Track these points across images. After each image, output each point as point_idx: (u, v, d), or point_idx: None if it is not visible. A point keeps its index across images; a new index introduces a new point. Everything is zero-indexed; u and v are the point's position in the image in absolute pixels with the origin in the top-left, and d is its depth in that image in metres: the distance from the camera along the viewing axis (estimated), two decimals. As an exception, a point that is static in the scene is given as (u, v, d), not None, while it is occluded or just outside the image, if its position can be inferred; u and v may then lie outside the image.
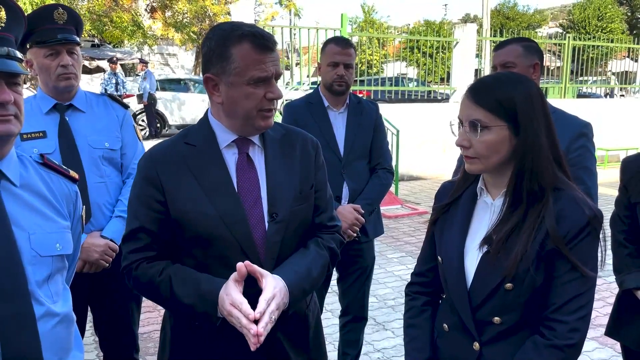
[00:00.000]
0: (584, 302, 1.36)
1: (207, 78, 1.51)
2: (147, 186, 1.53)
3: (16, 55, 1.36)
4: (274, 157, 1.62)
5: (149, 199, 1.53)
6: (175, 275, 1.50)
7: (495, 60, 2.29)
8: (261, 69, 1.46)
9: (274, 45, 1.50)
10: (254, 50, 1.45)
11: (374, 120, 2.92)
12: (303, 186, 1.63)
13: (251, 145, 1.60)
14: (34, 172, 1.47)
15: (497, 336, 1.43)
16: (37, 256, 1.36)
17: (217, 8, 17.20)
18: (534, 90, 1.40)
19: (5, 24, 1.34)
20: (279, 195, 1.57)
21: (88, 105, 2.39)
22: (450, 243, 1.51)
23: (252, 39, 1.46)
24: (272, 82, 1.50)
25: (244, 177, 1.56)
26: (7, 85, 1.32)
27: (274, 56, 1.50)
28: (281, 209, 1.56)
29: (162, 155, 1.56)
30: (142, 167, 1.57)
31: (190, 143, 1.57)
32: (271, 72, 1.48)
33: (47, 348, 1.34)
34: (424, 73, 13.70)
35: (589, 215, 1.34)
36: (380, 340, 3.85)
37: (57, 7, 2.19)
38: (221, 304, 1.42)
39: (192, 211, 1.50)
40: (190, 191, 1.51)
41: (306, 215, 1.65)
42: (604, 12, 30.93)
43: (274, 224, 1.55)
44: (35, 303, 1.33)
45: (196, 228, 1.50)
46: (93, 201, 2.30)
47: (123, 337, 2.50)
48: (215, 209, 1.50)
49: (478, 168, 1.43)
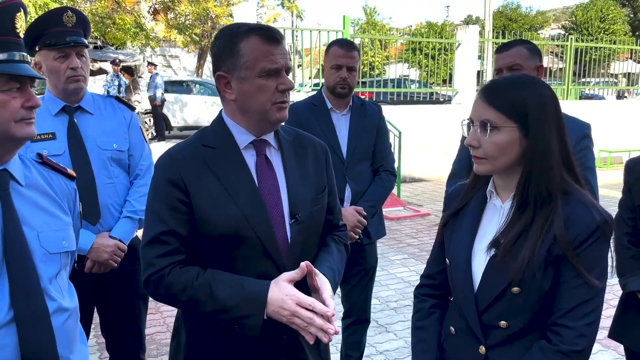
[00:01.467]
0: (592, 308, 1.35)
1: (219, 76, 1.52)
2: (171, 188, 1.50)
3: (27, 59, 1.41)
4: (290, 159, 1.63)
5: (174, 201, 1.50)
6: (214, 279, 1.48)
7: (501, 63, 2.30)
8: (270, 61, 1.48)
9: (281, 38, 1.52)
10: (263, 42, 1.47)
11: (376, 122, 2.92)
12: (318, 188, 1.66)
13: (267, 146, 1.61)
14: (36, 172, 1.50)
15: (503, 340, 1.43)
16: (47, 254, 1.41)
17: (219, 10, 17.25)
18: (548, 94, 1.40)
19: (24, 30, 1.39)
20: (300, 197, 1.60)
21: (96, 107, 2.41)
22: (459, 245, 1.52)
23: (259, 32, 1.48)
24: (282, 74, 1.51)
25: (264, 178, 1.57)
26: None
27: (282, 48, 1.51)
28: (302, 210, 1.59)
29: (183, 157, 1.55)
30: (162, 169, 1.54)
31: (208, 145, 1.57)
32: (281, 63, 1.49)
33: (59, 342, 1.38)
34: (426, 75, 13.72)
35: (599, 220, 1.34)
36: (383, 343, 3.86)
37: (66, 10, 2.21)
38: (280, 305, 1.42)
39: (217, 212, 1.50)
40: (214, 192, 1.51)
41: (321, 216, 1.69)
42: (606, 13, 30.91)
43: (296, 225, 1.57)
44: (48, 299, 1.38)
45: (221, 229, 1.49)
46: (102, 202, 2.32)
47: (130, 336, 2.52)
48: (239, 210, 1.50)
49: (486, 169, 1.43)
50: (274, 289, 1.46)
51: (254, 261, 1.52)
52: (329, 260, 1.63)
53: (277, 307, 1.43)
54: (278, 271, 1.53)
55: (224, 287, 1.46)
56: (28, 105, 1.35)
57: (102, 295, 2.42)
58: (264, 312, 1.44)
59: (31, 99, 1.36)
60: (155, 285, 1.50)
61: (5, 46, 1.33)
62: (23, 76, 1.34)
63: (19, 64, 1.36)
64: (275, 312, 1.44)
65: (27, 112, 1.36)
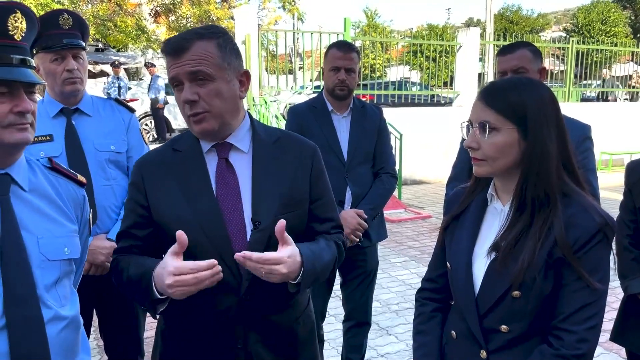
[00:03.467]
0: (593, 312, 1.33)
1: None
2: (134, 190, 1.59)
3: (32, 63, 1.39)
4: (262, 162, 1.57)
5: (134, 203, 1.58)
6: (134, 260, 1.53)
7: (505, 65, 2.28)
8: (170, 72, 1.48)
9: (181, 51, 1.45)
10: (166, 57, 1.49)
11: (377, 124, 2.91)
12: (293, 192, 1.57)
13: (233, 149, 1.57)
14: (43, 177, 1.48)
15: (504, 345, 1.41)
16: (46, 260, 1.38)
17: (220, 12, 17.29)
18: (547, 96, 1.39)
19: (24, 34, 1.36)
20: (263, 202, 1.52)
21: (94, 109, 2.40)
22: (459, 249, 1.50)
23: (164, 46, 1.50)
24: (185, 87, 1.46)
25: (223, 183, 1.54)
26: (25, 94, 1.34)
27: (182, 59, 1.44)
28: (264, 217, 1.50)
29: (150, 161, 1.61)
30: (132, 172, 1.63)
31: (177, 149, 1.59)
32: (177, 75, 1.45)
33: (55, 351, 1.35)
34: (427, 77, 13.71)
35: (600, 223, 1.32)
36: (384, 345, 3.84)
37: (62, 13, 2.21)
38: (160, 280, 1.37)
39: (171, 215, 1.50)
40: (171, 196, 1.52)
41: (295, 224, 1.55)
42: (607, 16, 30.89)
43: (256, 232, 1.50)
44: (43, 307, 1.34)
45: (174, 232, 1.43)
46: (99, 204, 2.31)
47: (128, 340, 2.50)
48: (192, 214, 1.49)
49: (485, 170, 1.42)
50: (158, 266, 1.42)
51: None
52: (309, 244, 1.56)
53: (161, 284, 1.39)
54: (234, 278, 1.49)
55: (134, 267, 1.50)
56: (17, 111, 1.32)
57: (100, 299, 2.41)
58: (153, 288, 1.41)
59: (20, 103, 1.32)
60: (113, 274, 1.60)
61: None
62: (12, 80, 1.31)
63: (14, 67, 1.32)
64: (163, 290, 1.39)
65: (16, 117, 1.32)
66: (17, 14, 1.34)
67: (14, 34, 1.33)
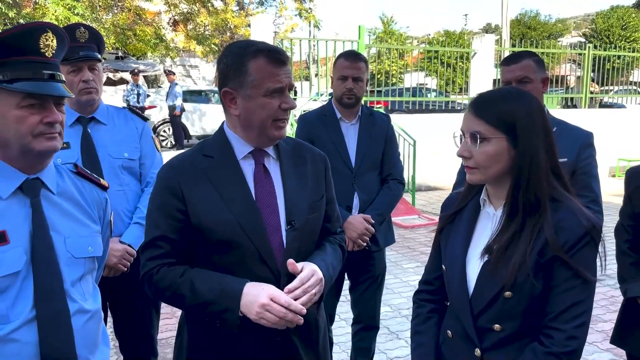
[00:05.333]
0: (582, 310, 1.39)
1: (225, 92, 1.60)
2: (169, 196, 1.60)
3: (61, 78, 1.51)
4: (288, 167, 1.70)
5: (170, 209, 1.60)
6: (197, 275, 1.57)
7: (510, 75, 2.32)
8: (276, 81, 1.56)
9: (287, 59, 1.61)
10: (270, 64, 1.56)
11: (385, 131, 2.97)
12: (315, 196, 1.73)
13: (266, 156, 1.68)
14: (69, 181, 1.61)
15: (498, 343, 1.47)
16: (72, 258, 1.50)
17: (237, 20, 17.48)
18: (535, 106, 1.45)
19: (55, 51, 1.48)
20: (296, 204, 1.66)
21: (109, 118, 2.50)
22: (454, 252, 1.56)
23: (267, 54, 1.57)
24: (285, 93, 1.60)
25: (261, 186, 1.65)
26: (54, 106, 1.46)
27: (287, 69, 1.60)
28: (298, 217, 1.65)
29: (182, 166, 1.64)
30: (163, 178, 1.64)
31: (208, 155, 1.65)
32: (285, 83, 1.58)
33: (79, 342, 1.46)
34: (443, 83, 13.70)
35: (587, 226, 1.38)
36: (394, 349, 3.88)
37: (79, 27, 2.33)
38: (255, 297, 1.49)
39: (213, 220, 1.57)
40: (211, 200, 1.59)
41: (317, 224, 1.76)
42: (627, 21, 30.52)
43: (291, 231, 1.63)
44: (69, 301, 1.47)
45: (216, 235, 1.57)
46: (112, 208, 2.37)
47: (142, 341, 2.59)
48: (234, 217, 1.58)
49: (477, 178, 1.48)
50: (251, 284, 1.53)
51: (250, 266, 1.58)
52: (320, 255, 1.70)
53: (251, 299, 1.49)
54: (273, 275, 1.59)
55: (204, 282, 1.55)
56: (47, 121, 1.43)
57: (114, 300, 2.51)
58: (239, 306, 1.50)
59: (50, 115, 1.44)
60: (146, 283, 1.63)
61: (28, 65, 1.42)
62: (42, 94, 1.42)
63: (45, 82, 1.44)
64: (246, 305, 1.49)
65: (46, 127, 1.44)
66: (49, 33, 1.46)
67: (45, 52, 1.46)
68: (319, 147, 2.77)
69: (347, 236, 2.72)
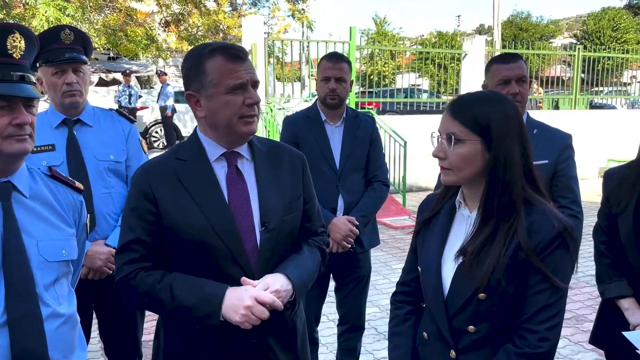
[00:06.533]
0: (554, 312, 1.41)
1: (189, 95, 1.63)
2: (141, 199, 1.62)
3: (31, 79, 1.50)
4: (263, 169, 1.71)
5: (143, 211, 1.62)
6: (176, 281, 1.58)
7: (510, 73, 2.34)
8: (235, 77, 1.56)
9: (246, 56, 1.61)
10: (227, 62, 1.57)
11: (370, 133, 2.99)
12: (292, 196, 1.73)
13: (239, 158, 1.70)
14: (43, 184, 1.60)
15: (472, 344, 1.49)
16: (45, 261, 1.49)
17: (230, 21, 17.47)
18: (511, 111, 1.47)
19: (23, 52, 1.48)
20: (270, 206, 1.67)
21: (95, 120, 2.50)
22: (429, 254, 1.58)
23: (223, 52, 1.58)
24: (248, 89, 1.59)
25: (234, 188, 1.66)
26: (24, 108, 1.45)
27: (247, 65, 1.60)
28: (272, 219, 1.66)
29: (155, 170, 1.66)
30: (136, 181, 1.66)
31: (181, 158, 1.67)
32: (245, 79, 1.58)
33: (52, 346, 1.46)
34: (436, 84, 13.75)
35: (559, 228, 1.40)
36: (381, 350, 3.89)
37: (64, 29, 2.33)
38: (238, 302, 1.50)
39: (184, 222, 1.59)
40: (183, 203, 1.60)
41: (294, 225, 1.76)
42: (618, 22, 30.69)
43: (265, 232, 1.64)
44: (42, 305, 1.45)
45: (188, 236, 1.59)
46: (98, 211, 2.41)
47: (127, 343, 2.59)
48: (206, 219, 1.59)
49: (451, 179, 1.51)
50: (232, 288, 1.55)
51: (223, 268, 1.60)
52: (295, 259, 1.71)
53: (235, 302, 1.51)
54: (246, 277, 1.60)
55: (184, 288, 1.56)
56: (16, 123, 1.43)
57: (99, 302, 2.51)
58: (221, 312, 1.52)
59: (19, 116, 1.43)
60: (123, 288, 1.62)
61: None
62: (10, 95, 1.42)
63: (14, 83, 1.44)
64: (229, 310, 1.51)
65: (15, 129, 1.43)
66: (16, 34, 1.46)
67: (12, 53, 1.46)
68: (304, 149, 2.82)
69: (332, 238, 2.74)
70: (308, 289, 1.78)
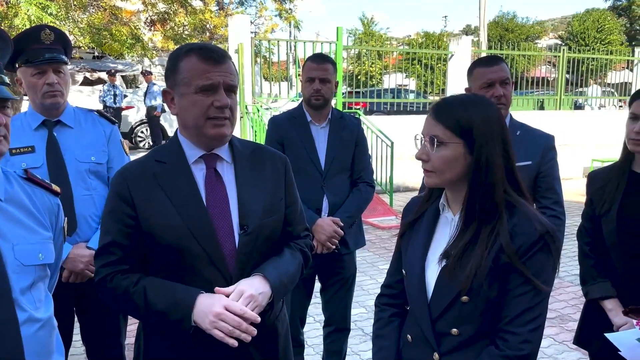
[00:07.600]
0: (536, 315, 1.42)
1: (164, 92, 1.64)
2: (119, 202, 1.61)
3: (4, 80, 1.47)
4: (244, 171, 1.70)
5: (120, 214, 1.60)
6: (150, 285, 1.57)
7: (494, 76, 2.35)
8: (206, 78, 1.55)
9: (223, 58, 1.58)
10: (201, 62, 1.56)
11: (355, 134, 2.99)
12: (273, 199, 1.72)
13: (219, 160, 1.68)
14: (18, 187, 1.56)
15: (455, 347, 1.49)
16: (21, 265, 1.45)
17: (217, 20, 17.38)
18: (494, 114, 1.47)
19: None
20: (249, 208, 1.65)
21: (76, 121, 2.47)
22: (413, 257, 1.58)
23: (198, 52, 1.57)
24: (219, 92, 1.57)
25: (213, 191, 1.64)
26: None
27: (223, 68, 1.58)
28: (251, 221, 1.64)
29: (134, 172, 1.64)
30: (114, 184, 1.65)
31: (160, 160, 1.65)
32: (217, 80, 1.56)
33: (29, 351, 1.42)
34: (423, 85, 13.80)
35: (541, 231, 1.40)
36: (367, 351, 3.88)
37: (44, 29, 2.29)
38: (209, 307, 1.49)
39: (162, 224, 1.57)
40: (161, 205, 1.59)
41: (275, 228, 1.73)
42: (603, 24, 31.05)
43: (244, 235, 1.63)
44: (18, 309, 1.42)
45: (166, 240, 1.57)
46: (79, 213, 2.37)
47: (109, 347, 2.56)
48: (183, 222, 1.57)
49: (434, 181, 1.50)
50: (204, 295, 1.53)
51: (200, 271, 1.58)
52: (275, 261, 1.69)
53: (204, 309, 1.49)
54: (224, 280, 1.59)
55: (157, 292, 1.55)
56: None
57: (80, 305, 2.47)
58: (191, 317, 1.51)
59: None
60: (100, 291, 1.61)
61: None
62: None
63: None
64: (199, 315, 1.50)
65: None
66: None
67: None
68: (289, 150, 2.81)
69: (316, 239, 2.73)
70: (289, 291, 1.76)
